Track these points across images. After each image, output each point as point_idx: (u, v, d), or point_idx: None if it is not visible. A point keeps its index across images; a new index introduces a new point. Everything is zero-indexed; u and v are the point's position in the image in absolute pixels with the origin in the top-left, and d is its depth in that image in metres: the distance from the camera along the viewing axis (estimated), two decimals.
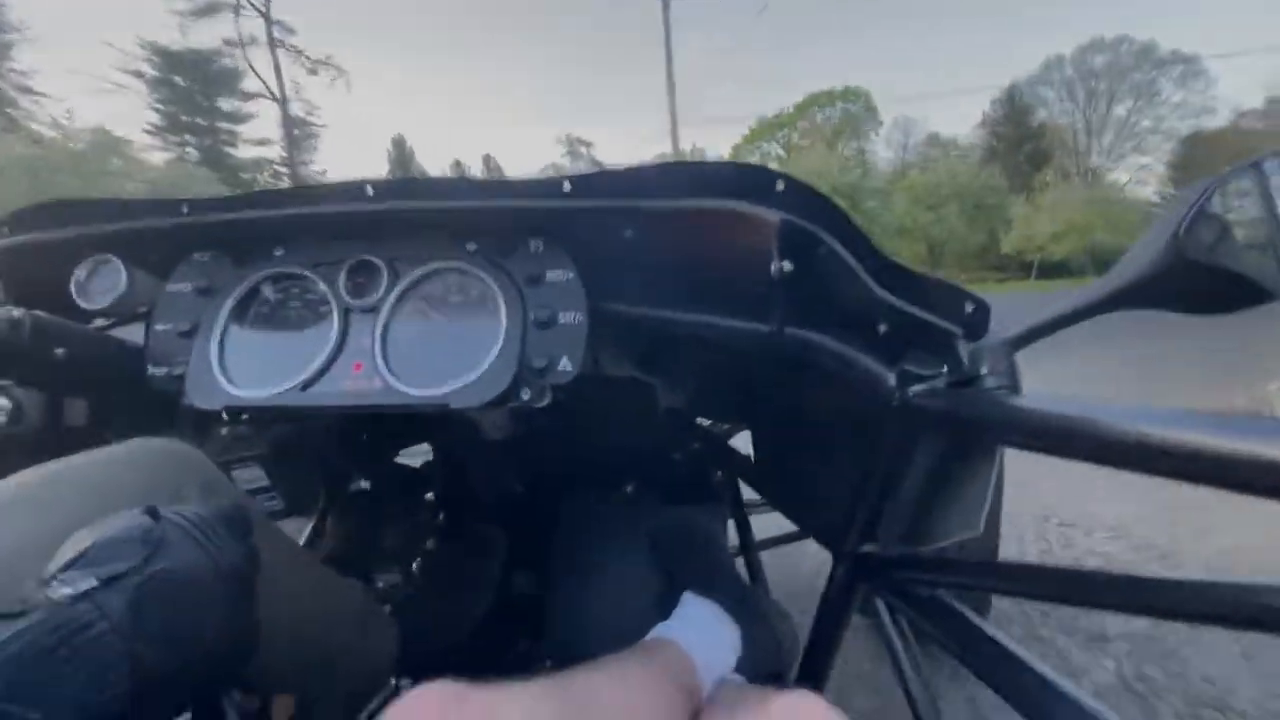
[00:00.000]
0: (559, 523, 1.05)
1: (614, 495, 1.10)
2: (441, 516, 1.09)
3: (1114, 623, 1.38)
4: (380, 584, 0.95)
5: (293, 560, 0.61)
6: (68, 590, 0.32)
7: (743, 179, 0.55)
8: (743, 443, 1.29)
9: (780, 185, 0.55)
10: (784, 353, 0.60)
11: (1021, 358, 0.52)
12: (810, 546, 0.94)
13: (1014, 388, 0.49)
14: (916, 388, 0.54)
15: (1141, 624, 1.37)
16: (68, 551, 0.37)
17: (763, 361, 0.80)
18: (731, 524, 1.12)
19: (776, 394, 0.99)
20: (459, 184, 0.58)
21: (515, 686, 0.40)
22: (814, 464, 0.84)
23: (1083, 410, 0.40)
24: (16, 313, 0.52)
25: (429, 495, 1.12)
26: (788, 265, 0.55)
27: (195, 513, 0.40)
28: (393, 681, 0.61)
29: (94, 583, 0.33)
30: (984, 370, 0.50)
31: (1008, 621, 1.41)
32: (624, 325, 0.65)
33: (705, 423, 1.36)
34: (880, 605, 0.61)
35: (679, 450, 1.28)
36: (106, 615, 0.32)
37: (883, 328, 0.58)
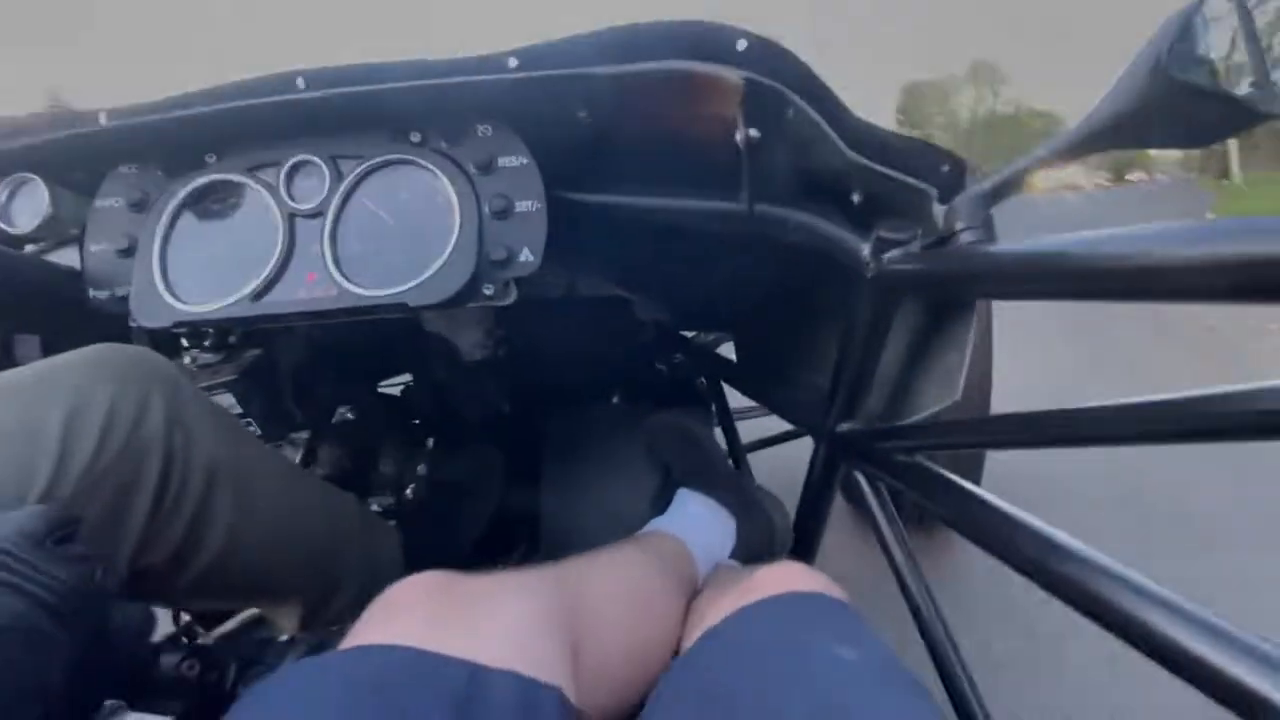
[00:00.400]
0: (549, 436, 1.05)
1: (603, 405, 1.10)
2: (431, 441, 1.08)
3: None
4: (376, 508, 0.96)
5: (290, 474, 0.61)
6: None
7: (701, 38, 0.51)
8: (728, 352, 1.29)
9: (742, 43, 0.51)
10: (756, 231, 0.57)
11: None
12: (798, 450, 0.95)
13: (989, 239, 0.48)
14: (891, 253, 0.52)
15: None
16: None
17: (737, 255, 0.78)
18: (719, 430, 1.13)
19: (754, 293, 0.98)
20: (396, 67, 0.53)
21: (509, 573, 0.40)
22: (794, 352, 0.84)
23: (1061, 244, 0.38)
24: None
25: (415, 421, 1.11)
26: (754, 132, 0.52)
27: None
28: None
29: None
30: (958, 226, 0.48)
31: None
32: (590, 224, 0.62)
33: (689, 335, 1.35)
34: (862, 481, 0.62)
35: (663, 361, 1.28)
36: None
37: (856, 196, 0.56)
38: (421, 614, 0.33)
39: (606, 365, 1.18)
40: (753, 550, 0.69)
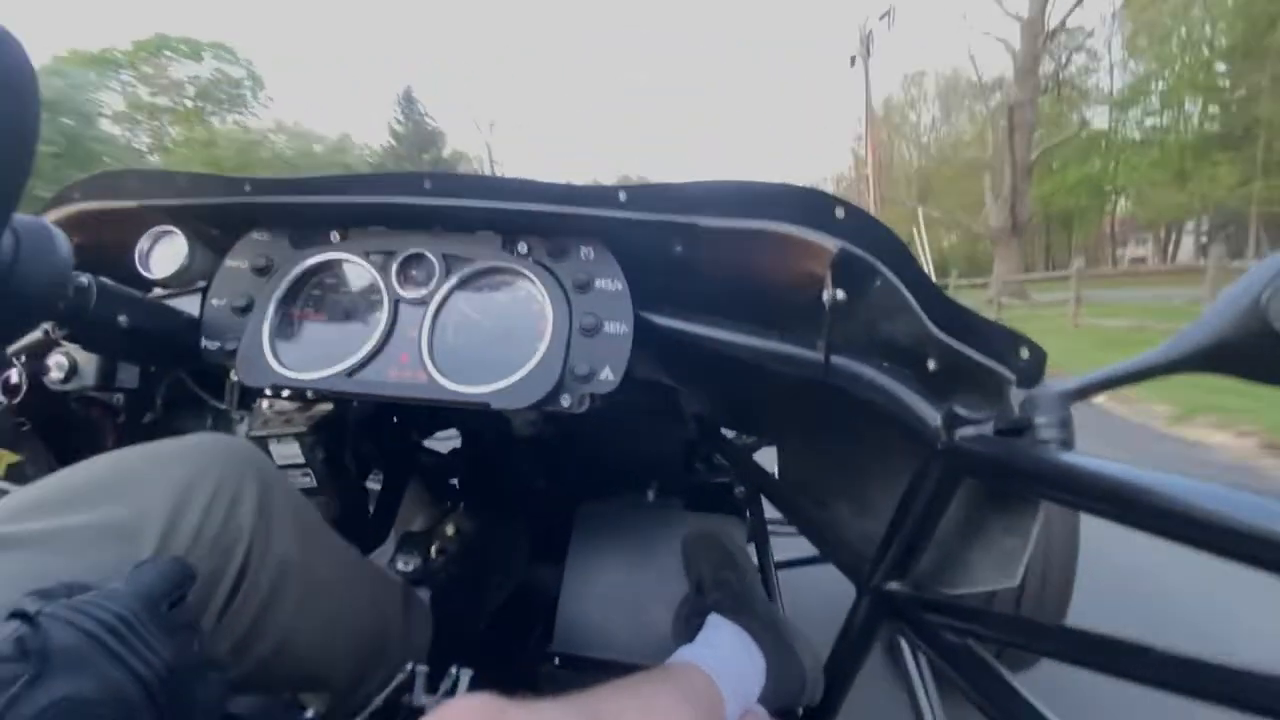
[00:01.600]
0: (579, 520, 1.05)
1: (636, 499, 1.10)
2: (464, 505, 1.10)
3: None
4: (400, 565, 0.96)
5: (351, 565, 0.62)
6: None
7: (802, 202, 0.54)
8: (765, 458, 1.28)
9: (840, 212, 0.54)
10: (828, 382, 0.59)
11: None
12: (827, 570, 0.93)
13: (1067, 442, 0.48)
14: (963, 431, 0.53)
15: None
16: (203, 501, 0.37)
17: (798, 385, 0.79)
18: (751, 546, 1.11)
19: (809, 414, 0.98)
20: (514, 184, 0.58)
21: (546, 705, 0.40)
22: (843, 492, 0.83)
23: (1141, 477, 0.39)
24: (84, 279, 0.54)
25: (454, 481, 1.13)
26: (840, 294, 0.54)
27: (99, 604, 0.31)
28: (410, 666, 0.61)
29: None
30: (1037, 420, 0.49)
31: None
32: (664, 336, 0.65)
33: (729, 434, 1.35)
34: (903, 645, 0.60)
35: (701, 460, 1.28)
36: None
37: (932, 365, 0.57)
38: None
39: (645, 455, 1.19)
40: (782, 697, 0.67)
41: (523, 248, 0.61)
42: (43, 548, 0.37)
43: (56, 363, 0.68)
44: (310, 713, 0.54)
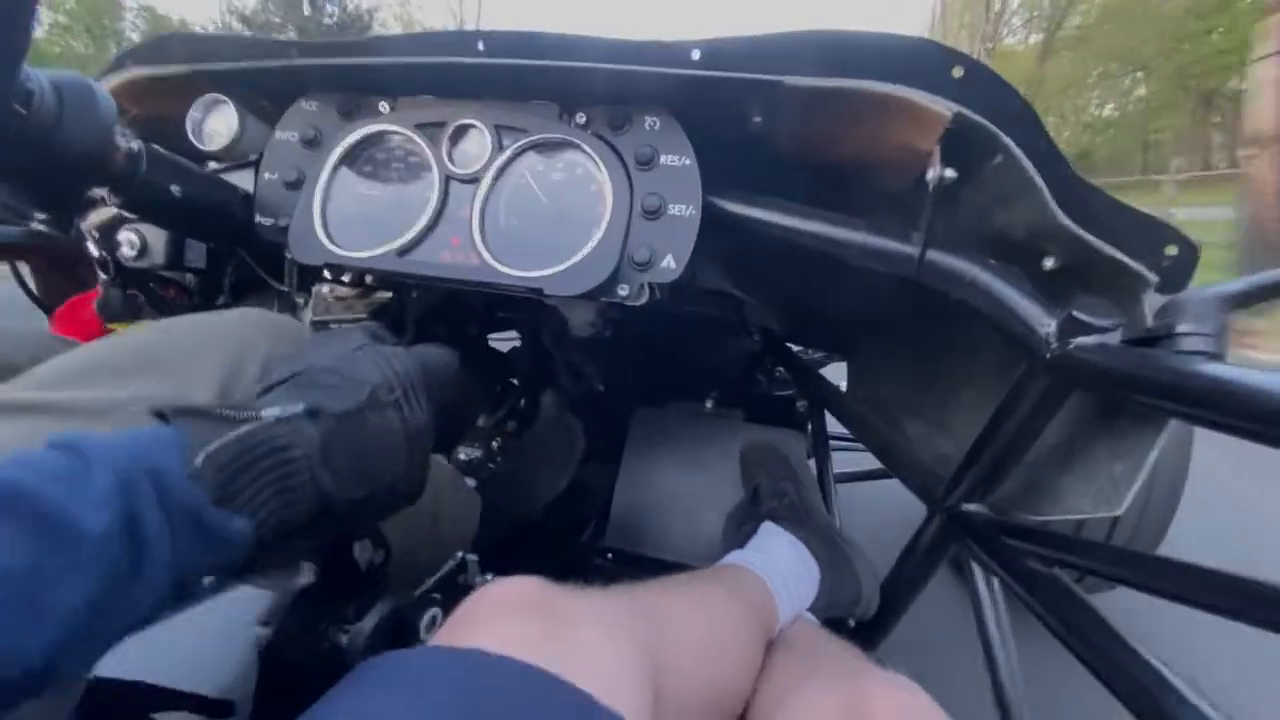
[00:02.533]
0: (635, 424, 1.04)
1: (694, 407, 1.08)
2: (524, 402, 1.10)
3: None
4: (461, 456, 0.99)
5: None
6: (275, 411, 0.33)
7: (911, 57, 0.45)
8: (831, 374, 1.22)
9: (959, 70, 0.44)
10: (919, 281, 0.52)
11: None
12: (890, 486, 0.89)
13: (1218, 355, 0.40)
14: (1082, 340, 0.45)
15: None
16: (287, 365, 0.39)
17: (879, 279, 0.72)
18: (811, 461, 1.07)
19: (887, 324, 0.91)
20: (575, 42, 0.51)
21: (596, 593, 0.39)
22: (920, 409, 0.77)
23: None
24: (135, 144, 0.52)
25: (514, 380, 1.14)
26: (950, 173, 0.46)
27: (405, 368, 0.40)
28: (459, 554, 0.63)
29: (299, 409, 0.34)
30: (1181, 326, 0.41)
31: None
32: (731, 226, 0.58)
33: (795, 349, 1.29)
34: (976, 572, 0.56)
35: (764, 372, 1.23)
36: (301, 443, 0.33)
37: (1049, 262, 0.49)
38: (521, 628, 0.33)
39: (706, 364, 1.15)
40: (835, 608, 0.65)
41: (581, 118, 0.55)
42: (93, 418, 0.37)
43: (127, 239, 0.69)
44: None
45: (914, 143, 0.47)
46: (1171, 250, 0.44)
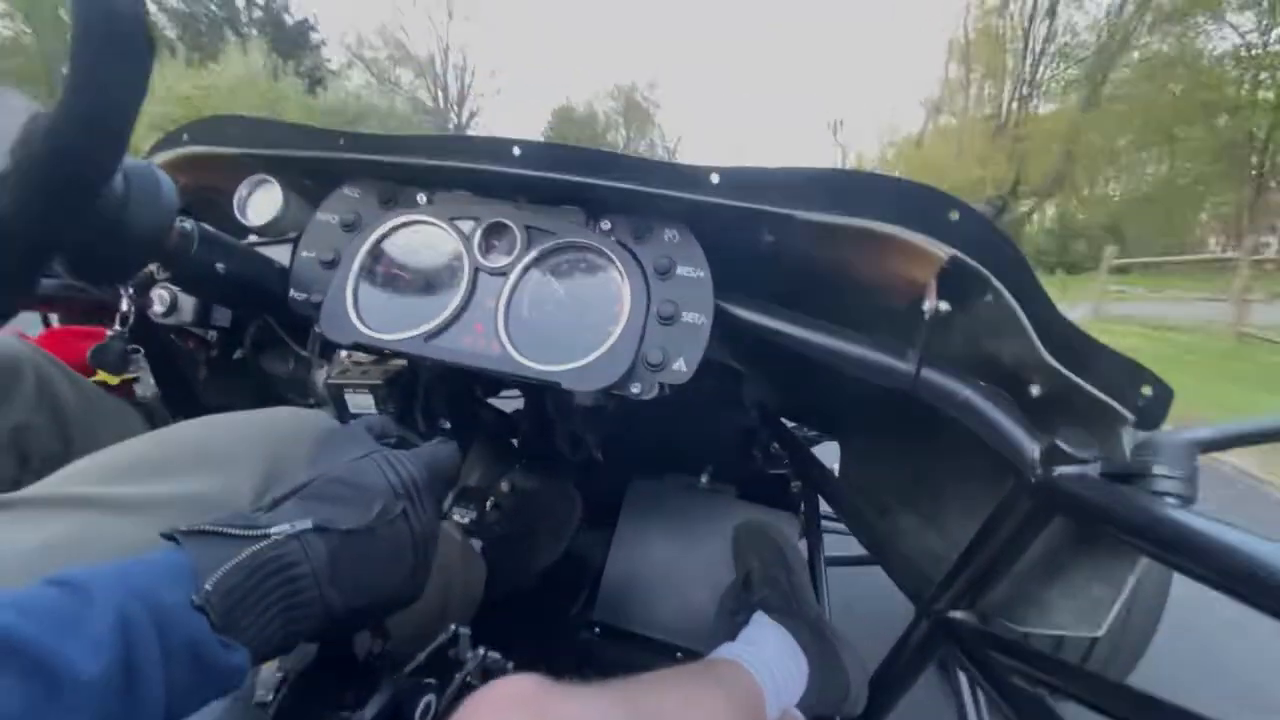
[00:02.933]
0: (630, 496, 1.05)
1: (689, 481, 1.09)
2: (521, 465, 1.12)
3: None
4: (456, 517, 0.99)
5: None
6: (285, 528, 0.33)
7: (913, 201, 0.50)
8: (825, 454, 1.24)
9: (955, 215, 0.49)
10: (915, 396, 0.55)
11: None
12: (878, 572, 0.90)
13: (1188, 498, 0.43)
14: (1064, 469, 0.48)
15: None
16: (291, 476, 0.39)
17: (875, 386, 0.75)
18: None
19: (883, 418, 0.94)
20: (603, 158, 0.56)
21: (590, 693, 0.40)
22: (911, 504, 0.79)
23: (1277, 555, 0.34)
24: (188, 224, 0.56)
25: (513, 441, 1.15)
26: (944, 306, 0.50)
27: (411, 475, 0.40)
28: (452, 627, 0.63)
29: (308, 525, 0.34)
30: (1155, 468, 0.44)
31: None
32: (742, 327, 0.62)
33: (790, 424, 1.32)
34: (959, 675, 0.57)
35: (759, 449, 1.25)
36: (310, 559, 0.33)
37: (1036, 390, 0.52)
38: None
39: (702, 438, 1.17)
40: (824, 705, 0.65)
41: (606, 225, 0.59)
42: (135, 514, 0.39)
43: (159, 296, 0.71)
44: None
45: (912, 275, 0.51)
46: (1147, 390, 0.48)
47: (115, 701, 0.25)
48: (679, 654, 0.92)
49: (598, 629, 0.95)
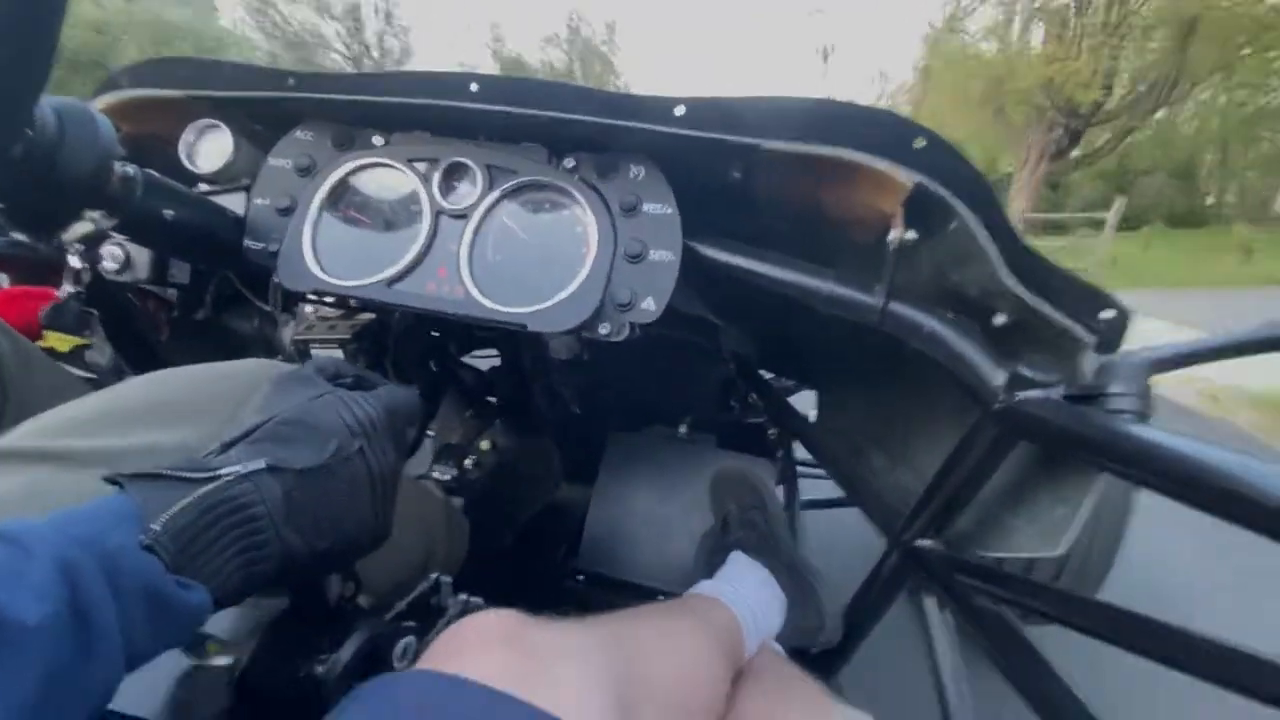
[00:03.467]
0: (610, 448, 1.06)
1: (668, 432, 1.10)
2: (500, 423, 1.12)
3: None
4: (436, 475, 0.99)
5: (403, 483, 0.63)
6: (236, 469, 0.33)
7: (878, 128, 0.49)
8: (801, 403, 1.26)
9: (920, 141, 0.48)
10: (882, 329, 0.55)
11: None
12: (853, 513, 0.92)
13: (1143, 414, 0.44)
14: (1026, 394, 0.49)
15: None
16: (246, 417, 0.38)
17: (846, 329, 0.75)
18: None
19: (854, 360, 0.95)
20: (565, 91, 0.54)
21: (570, 625, 0.40)
22: (882, 442, 0.80)
23: (1225, 459, 0.35)
24: (131, 169, 0.53)
25: (491, 399, 1.15)
26: (910, 235, 0.50)
27: (368, 414, 0.39)
28: (434, 576, 0.64)
29: (260, 465, 0.33)
30: (1111, 388, 0.45)
31: None
32: (710, 268, 0.61)
33: (767, 375, 1.32)
34: (929, 605, 0.59)
35: (737, 399, 1.26)
36: (264, 500, 0.33)
37: (999, 319, 0.52)
38: (498, 661, 0.34)
39: (680, 390, 1.18)
40: (800, 636, 0.68)
41: (569, 163, 0.57)
42: (92, 468, 0.37)
43: (110, 253, 0.69)
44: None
45: (879, 204, 0.51)
46: (1107, 314, 0.48)
47: (67, 643, 0.25)
48: (660, 597, 0.94)
49: (581, 576, 0.97)
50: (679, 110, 0.52)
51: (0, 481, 0.36)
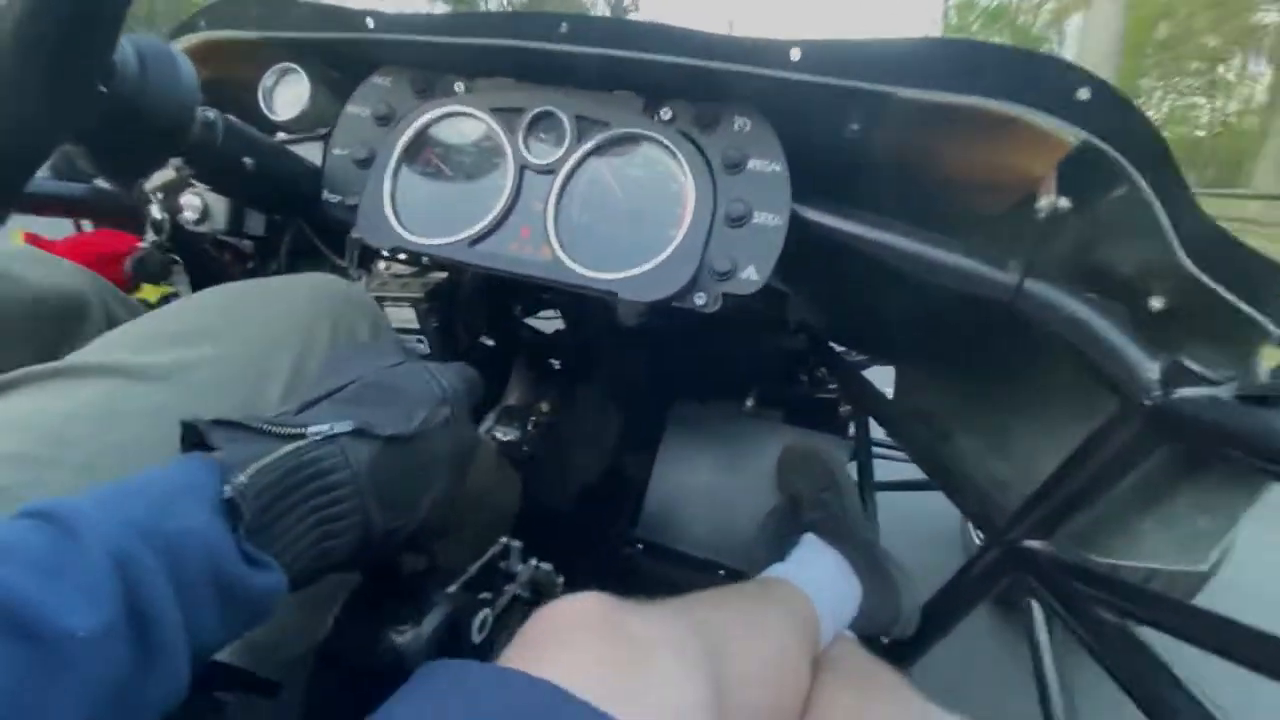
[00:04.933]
0: (673, 418, 1.03)
1: (733, 405, 1.06)
2: (562, 386, 1.10)
3: None
4: (499, 436, 0.99)
5: None
6: (323, 428, 0.30)
7: (1033, 74, 0.42)
8: (875, 378, 1.19)
9: (1084, 92, 0.41)
10: (1014, 309, 0.49)
11: None
12: (931, 495, 0.87)
13: None
14: (1188, 391, 0.42)
15: None
16: (330, 378, 0.36)
17: (939, 301, 0.69)
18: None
19: (941, 337, 0.88)
20: (661, 31, 0.49)
21: (658, 610, 0.38)
22: (980, 429, 0.75)
23: None
24: (211, 114, 0.51)
25: (555, 363, 1.13)
26: (1064, 202, 0.43)
27: (453, 386, 0.38)
28: (503, 540, 0.62)
29: (349, 428, 0.31)
30: None
31: None
32: (814, 234, 0.56)
33: (838, 349, 1.26)
34: (1034, 606, 0.55)
35: (806, 373, 1.21)
36: (350, 465, 0.30)
37: (1158, 303, 0.46)
38: (591, 652, 0.32)
39: (747, 360, 1.13)
40: (874, 627, 0.64)
41: (666, 113, 0.52)
42: (173, 381, 0.36)
43: (189, 203, 0.68)
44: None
45: (1027, 166, 0.44)
46: None
47: (123, 655, 0.21)
48: (721, 571, 0.92)
49: (640, 545, 0.95)
50: (795, 53, 0.46)
51: (73, 395, 0.35)
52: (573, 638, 0.33)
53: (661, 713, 0.31)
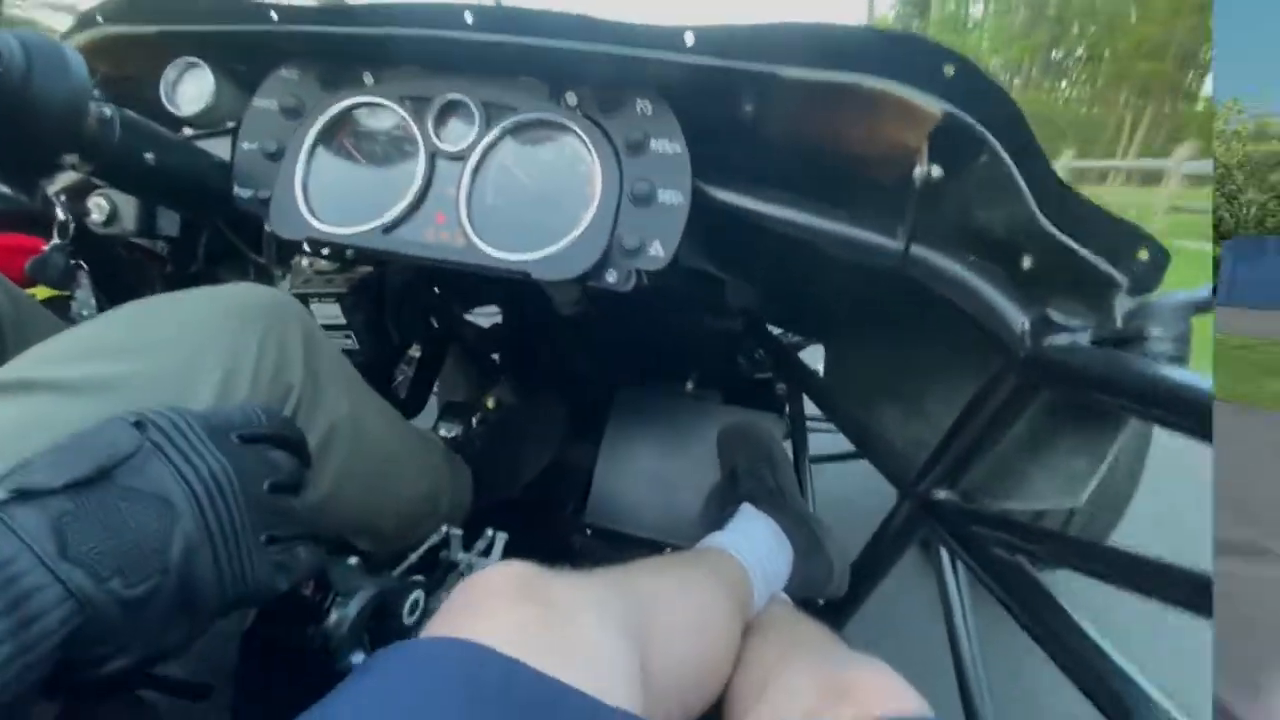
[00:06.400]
0: (616, 404, 1.05)
1: (674, 388, 1.09)
2: (504, 380, 1.10)
3: None
4: (442, 433, 0.99)
5: (394, 424, 0.61)
6: None
7: (903, 53, 0.45)
8: (810, 358, 1.24)
9: (950, 69, 0.45)
10: (904, 274, 0.53)
11: None
12: (860, 466, 0.91)
13: (1182, 359, 0.42)
14: (1054, 338, 0.47)
15: None
16: (255, 354, 0.35)
17: (856, 278, 0.73)
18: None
19: (865, 310, 0.92)
20: (566, 20, 0.50)
21: (585, 578, 0.40)
22: (894, 394, 0.79)
23: None
24: (108, 109, 0.50)
25: (494, 356, 1.13)
26: (936, 171, 0.47)
27: (173, 417, 0.32)
28: (444, 528, 0.63)
29: (3, 496, 0.25)
30: (1151, 331, 0.43)
31: None
32: (718, 213, 0.58)
33: (775, 331, 1.30)
34: (943, 556, 0.58)
35: (744, 355, 1.24)
36: (24, 539, 0.24)
37: (1028, 262, 0.50)
38: (517, 616, 0.33)
39: (686, 346, 1.16)
40: (807, 588, 0.67)
41: (571, 99, 0.54)
42: (99, 394, 0.35)
43: (96, 204, 0.66)
44: (353, 559, 0.56)
45: (902, 138, 0.47)
46: (1143, 254, 0.46)
47: None
48: (668, 550, 0.94)
49: (589, 530, 0.97)
50: (689, 38, 0.48)
51: None
52: (494, 604, 0.34)
53: (582, 666, 0.31)
